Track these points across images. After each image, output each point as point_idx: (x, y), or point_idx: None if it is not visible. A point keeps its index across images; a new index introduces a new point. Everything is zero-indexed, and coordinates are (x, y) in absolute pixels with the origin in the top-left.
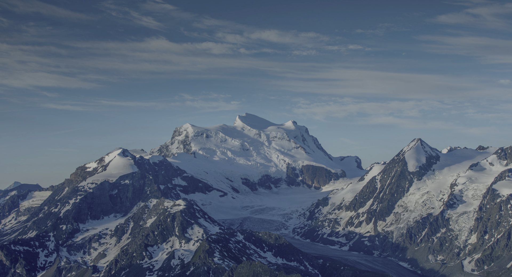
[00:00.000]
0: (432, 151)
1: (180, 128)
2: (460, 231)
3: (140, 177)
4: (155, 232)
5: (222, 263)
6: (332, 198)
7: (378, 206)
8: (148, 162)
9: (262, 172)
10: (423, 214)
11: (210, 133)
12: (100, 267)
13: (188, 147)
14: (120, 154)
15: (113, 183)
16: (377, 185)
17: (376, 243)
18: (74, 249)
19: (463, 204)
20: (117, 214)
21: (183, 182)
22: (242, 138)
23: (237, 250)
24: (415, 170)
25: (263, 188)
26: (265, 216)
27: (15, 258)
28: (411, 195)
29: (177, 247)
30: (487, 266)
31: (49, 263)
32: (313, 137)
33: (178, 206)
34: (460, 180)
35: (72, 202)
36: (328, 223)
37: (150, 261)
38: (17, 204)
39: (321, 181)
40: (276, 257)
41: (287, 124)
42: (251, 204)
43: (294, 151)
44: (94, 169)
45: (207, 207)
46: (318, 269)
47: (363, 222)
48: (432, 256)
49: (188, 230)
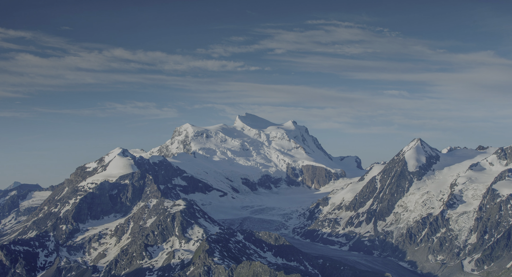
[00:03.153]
0: (432, 150)
1: (180, 128)
2: (460, 231)
3: (140, 177)
4: (155, 232)
5: (222, 263)
6: (332, 198)
7: (378, 206)
8: (148, 162)
9: (262, 172)
10: (423, 214)
11: (210, 133)
12: (100, 267)
13: (188, 147)
14: (120, 154)
15: (113, 183)
16: (377, 185)
17: (376, 243)
18: (74, 249)
19: (463, 204)
20: (117, 214)
21: (183, 182)
22: (242, 138)
23: (237, 250)
24: (415, 169)
25: (263, 188)
26: (265, 216)
27: (15, 258)
28: (411, 195)
29: (177, 247)
30: (487, 266)
31: (49, 263)
32: (313, 137)
33: (178, 206)
34: (460, 180)
35: (72, 202)
36: (328, 223)
37: (150, 261)
38: (17, 204)
39: (321, 181)
40: (276, 257)
41: (287, 124)
42: (251, 204)
43: (294, 151)
44: (94, 169)
45: (207, 207)
46: (318, 269)
47: (363, 222)
48: (432, 256)
49: (188, 230)
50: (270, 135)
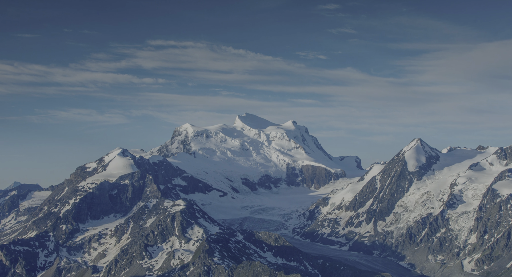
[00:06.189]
0: (432, 150)
1: (180, 128)
2: (460, 231)
3: (140, 177)
4: (155, 232)
5: (222, 263)
6: (332, 198)
7: (378, 206)
8: (148, 162)
9: (262, 172)
10: (423, 214)
11: (210, 134)
12: (100, 267)
13: (188, 147)
14: (120, 154)
15: (113, 183)
16: (377, 185)
17: (376, 243)
18: (74, 249)
19: (463, 204)
20: (117, 214)
21: (183, 182)
22: (242, 138)
23: (237, 250)
24: (415, 169)
25: (263, 188)
26: (265, 216)
27: (15, 258)
28: (411, 195)
29: (177, 247)
30: (487, 266)
31: (49, 263)
32: (313, 137)
33: (178, 206)
34: (460, 179)
35: (72, 202)
36: (328, 223)
37: (150, 261)
38: (17, 204)
39: (321, 180)
40: (276, 257)
41: (287, 124)
42: (251, 204)
43: (294, 150)
44: (94, 169)
45: (207, 207)
46: (318, 269)
47: (363, 222)
48: (432, 256)
49: (188, 230)
50: (270, 135)
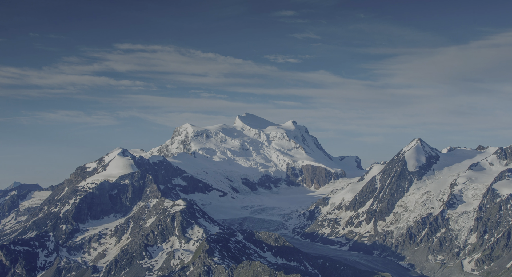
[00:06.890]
0: (432, 150)
1: (180, 128)
2: (460, 231)
3: (140, 177)
4: (155, 232)
5: (222, 263)
6: (332, 197)
7: (378, 206)
8: (148, 162)
9: (262, 172)
10: (423, 214)
11: (210, 134)
12: (100, 267)
13: (188, 147)
14: (120, 153)
15: (113, 183)
16: (377, 185)
17: (376, 243)
18: (74, 249)
19: (463, 204)
20: (117, 214)
21: (183, 182)
22: (242, 138)
23: (237, 250)
24: (415, 169)
25: (263, 188)
26: (265, 216)
27: (15, 258)
28: (411, 195)
29: (177, 247)
30: (487, 266)
31: (49, 263)
32: (313, 137)
33: (178, 206)
34: (460, 179)
35: (72, 202)
36: (328, 223)
37: (150, 261)
38: (17, 204)
39: (321, 180)
40: (276, 257)
41: (287, 124)
42: (251, 204)
43: (294, 150)
44: (94, 168)
45: (207, 207)
46: (318, 269)
47: (363, 222)
48: (432, 256)
49: (188, 230)
50: (270, 135)
